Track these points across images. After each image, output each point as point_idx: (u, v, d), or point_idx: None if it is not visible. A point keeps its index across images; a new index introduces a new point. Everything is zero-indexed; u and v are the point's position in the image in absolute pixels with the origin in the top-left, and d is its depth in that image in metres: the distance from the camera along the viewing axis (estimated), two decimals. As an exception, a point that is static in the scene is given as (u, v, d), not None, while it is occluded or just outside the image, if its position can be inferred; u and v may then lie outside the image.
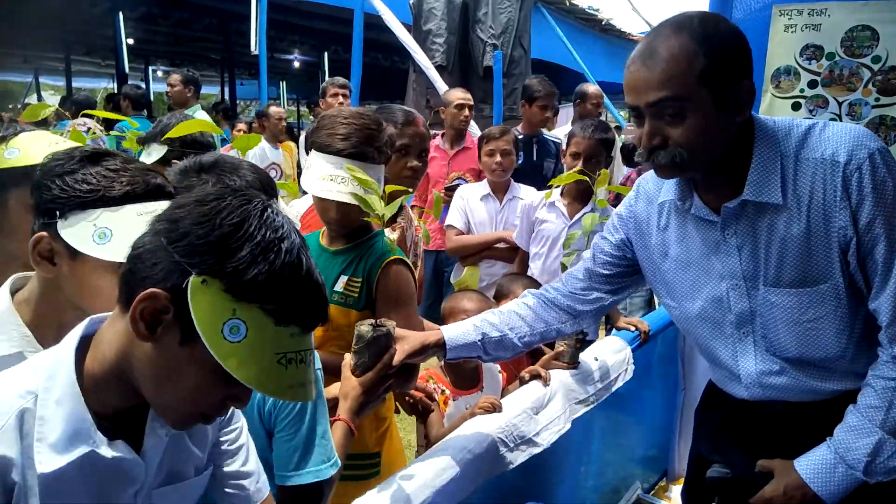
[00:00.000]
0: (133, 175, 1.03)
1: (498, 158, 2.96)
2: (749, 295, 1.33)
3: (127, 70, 10.90)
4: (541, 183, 3.21)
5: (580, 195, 2.69)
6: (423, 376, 1.91)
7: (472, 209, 3.05)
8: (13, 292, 1.09)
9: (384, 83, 12.93)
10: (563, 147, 2.89)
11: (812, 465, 1.27)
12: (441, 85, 5.41)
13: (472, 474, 1.51)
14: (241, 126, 6.22)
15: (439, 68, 5.70)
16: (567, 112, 7.87)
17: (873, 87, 2.17)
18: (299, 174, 4.30)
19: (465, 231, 3.04)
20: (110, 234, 0.98)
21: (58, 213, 1.00)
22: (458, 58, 5.92)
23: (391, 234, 2.00)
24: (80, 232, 0.98)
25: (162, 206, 1.00)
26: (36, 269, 1.03)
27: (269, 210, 0.83)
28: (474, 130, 4.97)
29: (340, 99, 4.37)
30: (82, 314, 0.96)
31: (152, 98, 13.22)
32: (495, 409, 1.66)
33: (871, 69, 2.16)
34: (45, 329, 1.05)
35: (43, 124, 3.75)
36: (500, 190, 3.08)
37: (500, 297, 2.19)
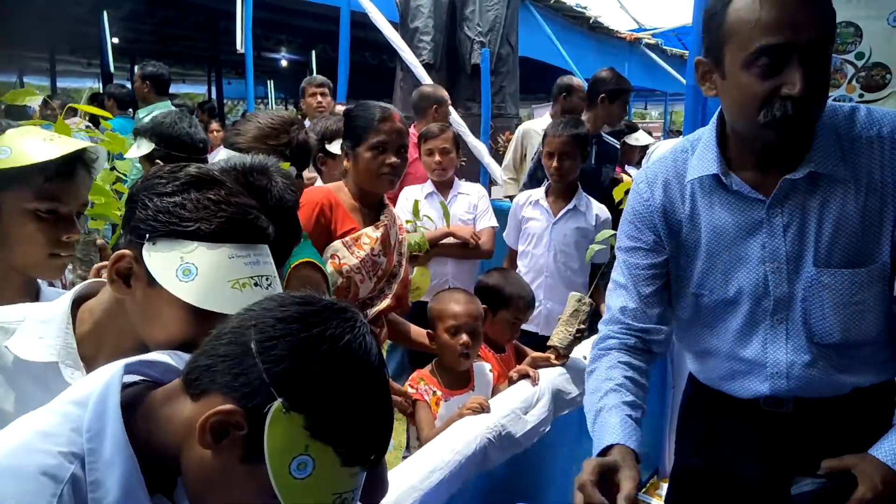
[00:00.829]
0: (235, 211, 0.97)
1: (437, 157, 2.93)
2: (789, 279, 1.26)
3: (112, 69, 10.79)
4: (598, 192, 3.00)
5: (564, 193, 2.69)
6: (414, 378, 1.91)
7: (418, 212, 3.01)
8: (81, 298, 1.05)
9: (372, 81, 12.89)
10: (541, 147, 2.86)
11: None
12: (428, 83, 5.40)
13: (459, 475, 1.51)
14: (215, 126, 6.17)
15: (427, 66, 5.68)
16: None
17: (857, 83, 2.18)
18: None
19: (413, 231, 3.00)
20: (195, 272, 0.93)
21: (147, 235, 0.94)
22: (445, 56, 5.91)
23: (374, 233, 1.98)
24: (165, 262, 0.93)
25: (260, 252, 0.98)
26: (110, 286, 0.99)
27: (366, 339, 0.80)
28: (463, 130, 4.96)
29: (319, 98, 4.30)
30: (140, 343, 0.95)
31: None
32: (483, 409, 1.66)
33: (855, 65, 2.17)
34: (98, 346, 1.02)
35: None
36: (443, 187, 3.05)
37: (495, 295, 2.16)
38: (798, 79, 1.09)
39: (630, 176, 4.62)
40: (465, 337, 1.87)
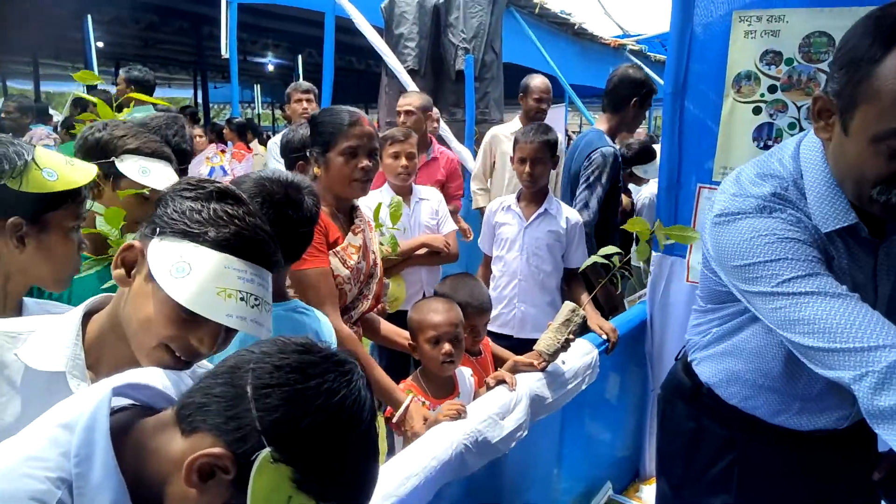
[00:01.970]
0: (244, 228, 1.00)
1: (403, 162, 2.88)
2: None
3: (96, 73, 10.73)
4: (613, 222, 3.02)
5: (535, 197, 2.72)
6: (402, 388, 1.91)
7: (382, 217, 2.94)
8: (92, 311, 1.07)
9: (358, 87, 12.90)
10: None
11: None
12: (413, 89, 5.41)
13: (436, 481, 1.51)
14: (198, 132, 6.14)
15: (411, 72, 5.69)
16: (557, 113, 7.91)
17: (830, 91, 2.21)
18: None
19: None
20: (188, 271, 0.95)
21: (158, 230, 0.98)
22: (429, 62, 5.92)
23: (356, 240, 2.00)
24: (165, 257, 0.96)
25: (258, 272, 1.00)
26: (113, 273, 1.02)
27: (360, 393, 0.80)
28: (448, 136, 4.96)
29: (304, 104, 4.30)
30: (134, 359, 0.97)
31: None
32: (460, 415, 1.66)
33: (829, 74, 2.20)
34: (99, 355, 1.04)
35: None
36: (404, 193, 3.00)
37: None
38: None
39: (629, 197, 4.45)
40: (447, 346, 1.88)
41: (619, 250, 1.93)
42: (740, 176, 1.30)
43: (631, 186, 4.67)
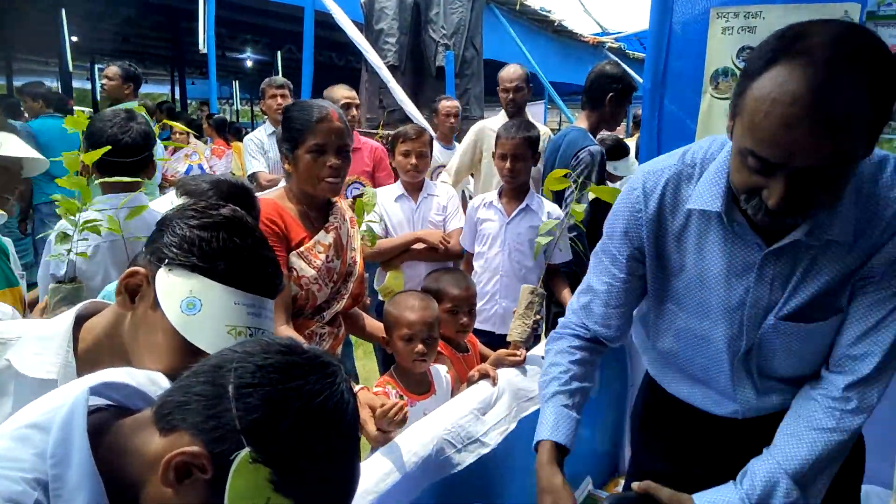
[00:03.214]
0: (255, 262, 1.01)
1: (413, 160, 2.91)
2: (759, 325, 1.25)
3: (71, 69, 10.55)
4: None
5: (517, 193, 2.73)
6: (380, 382, 1.90)
7: (388, 211, 3.00)
8: (83, 316, 1.06)
9: (338, 82, 12.79)
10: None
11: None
12: (394, 85, 5.38)
13: (418, 478, 1.50)
14: (180, 128, 6.08)
15: (392, 68, 5.67)
16: (537, 110, 7.92)
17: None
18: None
19: (384, 234, 2.98)
20: (199, 307, 0.95)
21: (167, 260, 0.97)
22: (410, 58, 5.91)
23: (326, 238, 1.95)
24: (174, 290, 0.96)
25: (264, 305, 1.00)
26: (116, 298, 1.00)
27: (343, 396, 0.78)
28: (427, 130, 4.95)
29: (279, 100, 4.27)
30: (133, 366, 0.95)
31: (99, 97, 12.82)
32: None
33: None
34: (94, 365, 1.00)
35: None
36: (414, 189, 3.04)
37: (437, 297, 2.15)
38: (777, 194, 1.00)
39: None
40: (420, 346, 1.87)
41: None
42: (685, 147, 1.34)
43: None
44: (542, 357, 2.08)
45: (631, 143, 5.19)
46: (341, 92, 3.79)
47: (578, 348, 1.45)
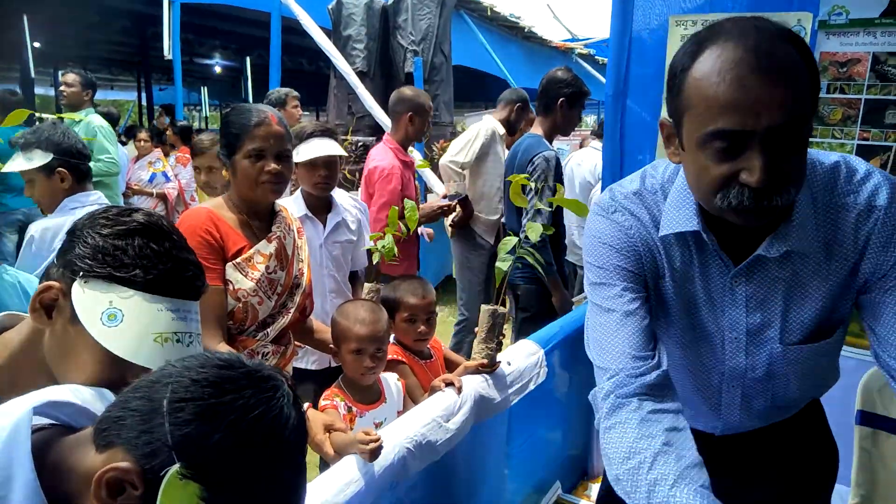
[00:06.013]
0: (174, 266, 0.96)
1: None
2: (748, 351, 1.21)
3: (33, 75, 10.32)
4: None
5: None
6: (328, 395, 1.87)
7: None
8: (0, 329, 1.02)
9: (308, 88, 12.71)
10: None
11: None
12: (362, 91, 5.38)
13: (380, 487, 1.49)
14: (143, 135, 5.98)
15: (360, 74, 5.66)
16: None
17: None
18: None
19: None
20: (121, 318, 0.91)
21: (81, 273, 0.92)
22: (378, 64, 5.90)
23: (267, 248, 1.87)
24: (92, 303, 0.91)
25: (189, 308, 0.97)
26: (30, 314, 0.95)
27: (282, 412, 0.76)
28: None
29: (301, 110, 4.55)
30: (55, 380, 0.92)
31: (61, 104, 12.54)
32: (374, 453, 1.49)
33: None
34: (13, 380, 0.97)
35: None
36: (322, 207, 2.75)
37: (394, 305, 2.11)
38: (758, 167, 0.95)
39: None
40: (367, 361, 1.84)
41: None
42: (641, 171, 1.28)
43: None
44: (508, 364, 2.08)
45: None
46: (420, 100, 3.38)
47: (661, 411, 1.10)
